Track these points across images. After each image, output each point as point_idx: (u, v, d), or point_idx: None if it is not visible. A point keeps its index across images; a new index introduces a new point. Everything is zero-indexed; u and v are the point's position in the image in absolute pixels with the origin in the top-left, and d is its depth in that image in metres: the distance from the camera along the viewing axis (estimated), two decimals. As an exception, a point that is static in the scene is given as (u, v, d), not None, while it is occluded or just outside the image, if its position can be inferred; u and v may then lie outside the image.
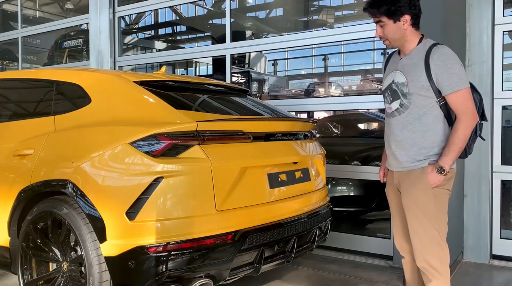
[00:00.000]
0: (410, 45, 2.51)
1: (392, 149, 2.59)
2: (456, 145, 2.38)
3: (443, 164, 2.40)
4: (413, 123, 2.48)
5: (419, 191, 2.47)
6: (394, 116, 2.55)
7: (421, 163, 2.47)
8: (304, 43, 5.11)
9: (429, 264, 2.48)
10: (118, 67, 6.21)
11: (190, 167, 2.53)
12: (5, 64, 9.70)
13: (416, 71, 2.44)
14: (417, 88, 2.44)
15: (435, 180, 2.42)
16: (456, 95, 2.38)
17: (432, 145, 2.46)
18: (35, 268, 2.94)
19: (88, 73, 3.34)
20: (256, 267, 2.79)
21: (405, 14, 2.44)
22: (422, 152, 2.47)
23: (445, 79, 2.38)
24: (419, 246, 2.50)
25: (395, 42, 2.53)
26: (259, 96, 8.54)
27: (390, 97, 2.57)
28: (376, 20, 2.49)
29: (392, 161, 2.61)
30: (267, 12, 10.56)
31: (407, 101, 2.48)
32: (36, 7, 10.05)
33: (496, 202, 4.24)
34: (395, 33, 2.48)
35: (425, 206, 2.46)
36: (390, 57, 2.71)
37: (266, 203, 2.87)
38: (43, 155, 2.91)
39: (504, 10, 4.15)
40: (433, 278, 2.48)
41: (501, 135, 4.23)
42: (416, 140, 2.48)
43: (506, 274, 4.02)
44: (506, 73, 4.27)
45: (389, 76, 2.60)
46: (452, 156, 2.39)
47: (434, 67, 2.39)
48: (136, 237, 2.45)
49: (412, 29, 2.49)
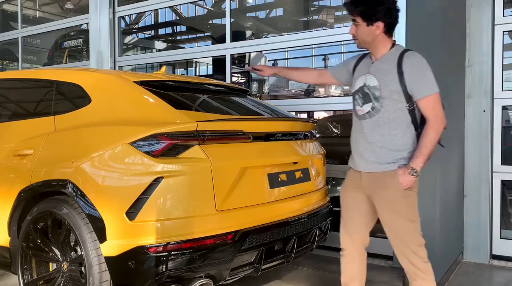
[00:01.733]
0: (382, 49, 2.57)
1: (361, 151, 2.63)
2: (427, 148, 2.45)
3: (415, 166, 2.45)
4: (383, 127, 2.53)
5: (392, 193, 2.52)
6: (364, 118, 2.59)
7: (391, 165, 2.53)
8: (304, 43, 5.11)
9: (413, 264, 2.53)
10: (118, 67, 6.21)
11: (190, 167, 2.53)
12: (5, 64, 9.70)
13: (389, 76, 2.50)
14: (389, 92, 2.50)
15: (407, 181, 2.48)
16: (427, 100, 2.46)
17: (401, 148, 2.53)
18: (35, 268, 2.94)
19: (88, 73, 3.34)
20: (256, 267, 2.79)
21: (380, 20, 2.48)
22: (392, 155, 2.53)
23: (417, 84, 2.46)
24: (401, 245, 2.55)
25: (365, 44, 2.60)
26: (259, 96, 8.54)
27: (362, 100, 2.61)
28: (352, 19, 2.55)
29: (360, 162, 2.64)
30: (267, 12, 10.55)
31: (378, 105, 2.53)
32: (36, 7, 10.05)
33: (496, 202, 4.24)
34: (366, 36, 2.54)
35: (400, 207, 2.53)
36: (361, 59, 2.74)
37: (266, 203, 2.87)
38: (43, 155, 2.91)
39: (504, 10, 4.16)
40: (417, 277, 2.53)
41: (501, 135, 4.23)
42: (386, 143, 2.53)
43: (506, 274, 4.02)
44: (506, 73, 4.28)
45: (360, 79, 2.65)
46: (424, 158, 2.46)
47: (407, 73, 2.46)
48: (136, 237, 2.45)
49: (384, 36, 2.54)
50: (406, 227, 2.53)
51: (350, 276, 2.77)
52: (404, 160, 2.53)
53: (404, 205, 2.53)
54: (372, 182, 2.59)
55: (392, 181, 2.51)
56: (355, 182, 2.69)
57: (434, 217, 3.56)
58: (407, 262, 2.54)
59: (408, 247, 2.53)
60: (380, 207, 2.58)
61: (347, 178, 2.78)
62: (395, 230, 2.56)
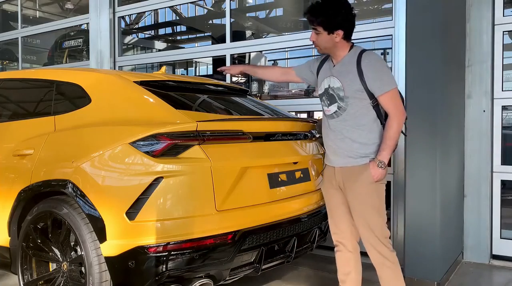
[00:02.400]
0: (341, 53, 2.72)
1: (333, 147, 2.77)
2: (391, 140, 2.61)
3: (382, 158, 2.61)
4: (351, 124, 2.68)
5: (363, 185, 2.66)
6: (333, 118, 2.74)
7: (362, 160, 2.67)
8: (304, 43, 5.09)
9: (380, 253, 2.68)
10: (118, 67, 6.21)
11: (190, 167, 2.53)
12: (5, 64, 9.70)
13: (350, 76, 2.65)
14: (352, 92, 2.64)
15: (377, 174, 2.63)
16: (386, 95, 2.60)
17: (369, 142, 2.67)
18: (35, 268, 2.94)
19: (88, 73, 3.34)
20: (256, 267, 2.79)
21: (340, 29, 2.63)
22: (361, 150, 2.67)
23: (376, 82, 2.61)
24: (370, 236, 2.68)
25: (326, 50, 2.75)
26: (259, 96, 8.53)
27: (328, 101, 2.77)
28: (312, 27, 2.68)
29: (333, 158, 2.79)
30: (267, 12, 10.55)
31: (344, 104, 2.68)
32: (36, 7, 10.04)
33: (496, 202, 4.24)
34: (327, 43, 2.68)
35: (370, 199, 2.67)
36: (323, 62, 2.88)
37: (266, 203, 2.87)
38: (43, 155, 2.91)
39: (504, 10, 4.16)
40: (384, 266, 2.70)
41: (501, 135, 4.23)
42: (355, 139, 2.68)
43: (506, 274, 4.02)
44: (506, 73, 4.27)
45: (324, 81, 2.80)
46: (390, 150, 2.62)
47: (365, 72, 2.61)
48: (136, 237, 2.45)
49: (343, 41, 2.69)
50: (374, 218, 2.67)
51: (346, 271, 2.88)
52: (373, 153, 2.67)
53: (374, 196, 2.67)
54: (345, 176, 2.73)
55: (363, 174, 2.65)
56: (331, 178, 2.83)
57: (434, 217, 3.56)
58: (375, 251, 2.69)
59: (376, 237, 2.67)
60: (351, 198, 2.72)
61: (324, 175, 2.92)
62: (364, 221, 2.69)
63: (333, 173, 2.80)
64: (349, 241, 2.85)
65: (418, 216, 3.61)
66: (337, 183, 2.79)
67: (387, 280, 2.73)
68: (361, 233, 2.74)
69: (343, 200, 2.79)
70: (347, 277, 2.88)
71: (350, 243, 2.85)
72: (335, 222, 2.89)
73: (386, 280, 2.73)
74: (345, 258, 2.88)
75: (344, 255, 2.88)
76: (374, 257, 2.71)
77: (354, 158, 2.69)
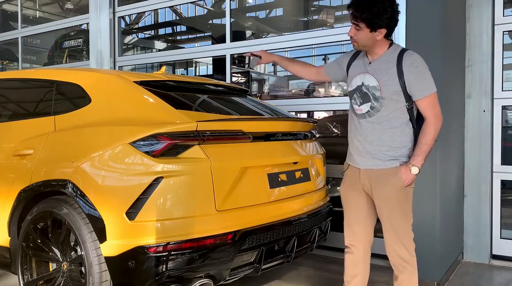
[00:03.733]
0: (380, 50, 2.58)
1: (360, 148, 2.65)
2: (427, 146, 2.51)
3: (416, 164, 2.53)
4: (383, 126, 2.57)
5: (394, 189, 2.57)
6: (364, 117, 2.62)
7: (392, 162, 2.57)
8: (304, 43, 5.10)
9: (401, 258, 2.61)
10: (118, 67, 6.21)
11: (190, 167, 2.53)
12: (5, 64, 9.70)
13: (389, 76, 2.52)
14: (389, 93, 2.52)
15: (409, 179, 2.55)
16: (426, 99, 2.50)
17: (400, 145, 2.58)
18: (35, 268, 2.94)
19: (88, 73, 3.34)
20: (256, 267, 2.79)
21: (384, 27, 2.49)
22: (392, 152, 2.57)
23: (417, 84, 2.49)
24: (394, 241, 2.61)
25: (364, 47, 2.60)
26: (259, 96, 8.53)
27: (360, 99, 2.62)
28: (354, 22, 2.52)
29: (359, 159, 2.66)
30: (267, 12, 10.55)
31: (378, 105, 2.55)
32: (36, 7, 10.04)
33: (496, 202, 4.24)
34: (367, 40, 2.53)
35: (399, 203, 2.58)
36: (355, 57, 2.74)
37: (266, 203, 2.87)
38: (43, 155, 2.91)
39: (504, 10, 4.16)
40: (404, 269, 2.63)
41: (501, 135, 4.23)
42: (386, 141, 2.57)
43: (506, 274, 4.02)
44: (506, 73, 4.28)
45: (356, 78, 2.65)
46: (424, 156, 2.53)
47: (407, 73, 2.48)
48: (136, 237, 2.45)
49: (384, 39, 2.56)
50: (402, 222, 2.60)
51: (353, 274, 2.80)
52: (404, 157, 2.58)
53: (403, 200, 2.59)
54: (372, 178, 2.62)
55: (394, 178, 2.55)
56: (354, 180, 2.71)
57: (434, 217, 3.56)
58: (397, 256, 2.62)
59: (401, 241, 2.60)
60: (380, 202, 2.62)
61: (345, 176, 2.80)
62: (391, 225, 2.61)
63: (358, 174, 2.67)
64: (362, 245, 2.75)
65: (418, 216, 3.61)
66: (362, 185, 2.67)
67: (402, 283, 2.66)
68: (386, 237, 2.64)
69: (364, 204, 2.70)
70: (353, 279, 2.79)
71: (362, 246, 2.76)
72: (350, 224, 2.77)
73: (401, 283, 2.66)
74: (355, 262, 2.78)
75: (354, 259, 2.78)
76: (394, 261, 2.64)
77: (383, 160, 2.58)
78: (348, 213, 2.79)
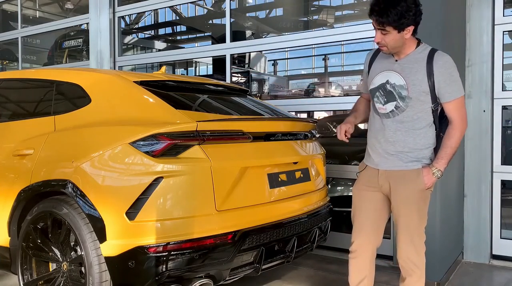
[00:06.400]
0: (408, 49, 2.51)
1: (381, 149, 2.59)
2: (452, 149, 2.48)
3: (440, 167, 2.49)
4: (407, 127, 2.51)
5: (414, 191, 2.52)
6: (388, 117, 2.55)
7: (413, 164, 2.52)
8: (304, 43, 5.11)
9: (411, 260, 2.58)
10: (118, 67, 6.21)
11: (190, 167, 2.53)
12: (5, 64, 9.70)
13: (417, 76, 2.44)
14: (417, 93, 2.45)
15: (431, 181, 2.51)
16: (454, 102, 2.46)
17: (423, 147, 2.53)
18: (35, 268, 2.94)
19: (88, 73, 3.34)
20: (256, 267, 2.79)
21: (411, 25, 2.41)
22: (414, 154, 2.52)
23: (447, 86, 2.43)
24: (407, 243, 2.57)
25: (394, 49, 2.49)
26: (259, 96, 8.53)
27: (384, 98, 2.55)
28: (380, 28, 2.42)
29: (378, 160, 2.60)
30: (267, 12, 10.56)
31: (403, 105, 2.49)
32: (36, 7, 10.04)
33: (496, 202, 4.24)
34: (397, 42, 2.44)
35: (417, 205, 2.55)
36: (376, 54, 2.66)
37: (266, 203, 2.87)
38: (43, 155, 2.91)
39: (504, 10, 4.15)
40: (413, 272, 2.59)
41: (501, 135, 4.23)
42: (408, 143, 2.52)
43: (506, 274, 4.02)
44: (506, 73, 4.28)
45: (380, 75, 2.56)
46: (448, 159, 2.49)
47: (437, 74, 2.42)
48: (136, 237, 2.45)
49: (412, 37, 2.49)
50: (418, 224, 2.57)
51: (360, 278, 2.71)
52: (427, 159, 2.54)
53: (421, 202, 2.55)
54: (392, 179, 2.56)
55: (415, 179, 2.51)
56: (371, 180, 2.63)
57: (434, 217, 3.55)
58: (407, 258, 2.58)
59: (413, 244, 2.56)
60: (398, 203, 2.56)
61: (361, 176, 2.72)
62: (407, 226, 2.56)
63: (376, 175, 2.60)
64: (369, 248, 2.68)
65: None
66: (380, 186, 2.60)
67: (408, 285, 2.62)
68: (399, 239, 2.59)
69: (379, 205, 2.64)
70: (360, 284, 2.72)
71: (371, 249, 2.68)
72: (361, 226, 2.68)
73: (408, 284, 2.62)
74: (361, 266, 2.70)
75: (360, 264, 2.70)
76: (404, 264, 2.59)
77: (404, 162, 2.52)
78: (359, 214, 2.70)
